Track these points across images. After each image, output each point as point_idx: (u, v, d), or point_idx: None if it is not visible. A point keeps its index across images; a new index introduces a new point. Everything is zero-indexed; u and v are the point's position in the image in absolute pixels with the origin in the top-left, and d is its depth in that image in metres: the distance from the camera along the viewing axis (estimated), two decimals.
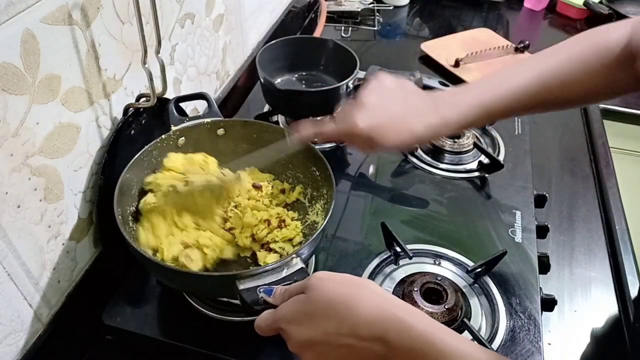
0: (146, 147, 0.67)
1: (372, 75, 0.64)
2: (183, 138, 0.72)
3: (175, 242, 0.63)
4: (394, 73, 0.65)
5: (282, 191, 0.74)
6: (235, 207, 0.70)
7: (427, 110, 0.60)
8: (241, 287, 0.51)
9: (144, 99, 0.70)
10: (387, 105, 0.61)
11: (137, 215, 0.67)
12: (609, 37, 0.58)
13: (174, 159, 0.70)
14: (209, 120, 0.73)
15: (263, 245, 0.68)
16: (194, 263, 0.62)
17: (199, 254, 0.63)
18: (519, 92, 0.59)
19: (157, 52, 0.63)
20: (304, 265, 0.53)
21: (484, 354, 0.42)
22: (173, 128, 0.70)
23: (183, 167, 0.70)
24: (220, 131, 0.74)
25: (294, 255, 0.54)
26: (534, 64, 0.61)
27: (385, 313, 0.42)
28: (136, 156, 0.66)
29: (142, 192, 0.68)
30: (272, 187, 0.75)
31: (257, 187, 0.73)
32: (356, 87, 0.92)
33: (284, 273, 0.52)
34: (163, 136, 0.69)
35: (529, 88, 0.59)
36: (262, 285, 0.50)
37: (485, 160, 0.89)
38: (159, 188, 0.67)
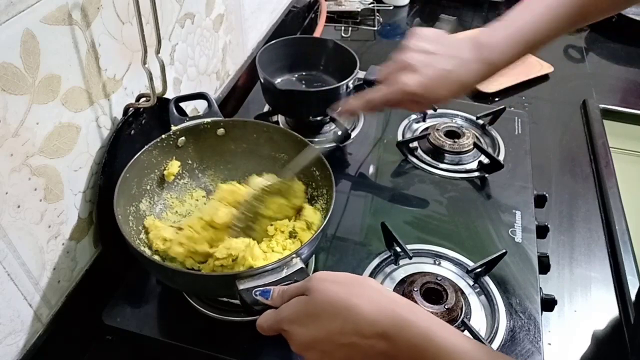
0: (146, 146, 0.67)
1: (409, 32, 0.64)
2: (183, 138, 0.72)
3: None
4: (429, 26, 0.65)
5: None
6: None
7: (471, 58, 0.60)
8: (241, 287, 0.51)
9: (144, 99, 0.70)
10: (432, 61, 0.60)
11: (138, 215, 0.67)
12: None
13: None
14: (209, 120, 0.73)
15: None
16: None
17: None
18: (558, 18, 0.58)
19: (157, 52, 0.63)
20: (303, 266, 0.53)
21: (483, 351, 0.42)
22: (173, 128, 0.70)
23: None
24: (221, 131, 0.74)
25: (293, 255, 0.54)
26: None
27: (387, 311, 0.43)
28: (136, 156, 0.66)
29: (139, 195, 0.68)
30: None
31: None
32: (356, 87, 0.92)
33: (284, 273, 0.52)
34: (163, 136, 0.69)
35: (568, 10, 0.58)
36: (259, 286, 0.50)
37: (485, 160, 0.89)
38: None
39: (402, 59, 0.61)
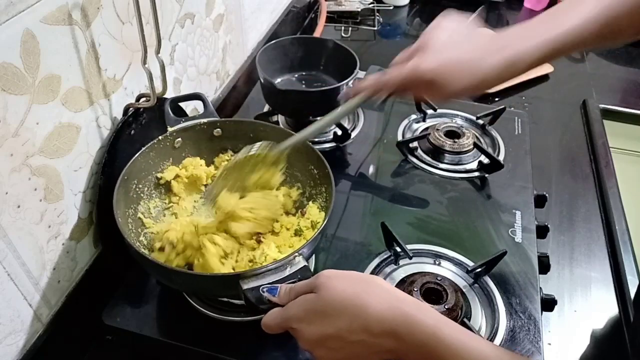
0: (143, 148, 0.67)
1: (441, 15, 0.62)
2: (180, 139, 0.71)
3: None
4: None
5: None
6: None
7: (493, 50, 0.56)
8: (245, 286, 0.51)
9: (144, 99, 0.70)
10: (452, 45, 0.58)
11: (137, 217, 0.67)
12: None
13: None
14: (205, 120, 0.73)
15: None
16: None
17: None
18: (586, 25, 0.55)
19: (157, 52, 0.63)
20: (306, 264, 0.53)
21: (489, 348, 0.42)
22: (169, 129, 0.70)
23: None
24: (217, 131, 0.74)
25: (296, 254, 0.54)
26: None
27: (396, 309, 0.43)
28: (133, 158, 0.65)
29: (138, 197, 0.68)
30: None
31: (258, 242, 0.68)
32: None
33: (287, 271, 0.52)
34: (160, 137, 0.69)
35: (598, 19, 0.55)
36: (266, 284, 0.51)
37: (485, 160, 0.89)
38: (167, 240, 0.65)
39: (423, 37, 0.59)
